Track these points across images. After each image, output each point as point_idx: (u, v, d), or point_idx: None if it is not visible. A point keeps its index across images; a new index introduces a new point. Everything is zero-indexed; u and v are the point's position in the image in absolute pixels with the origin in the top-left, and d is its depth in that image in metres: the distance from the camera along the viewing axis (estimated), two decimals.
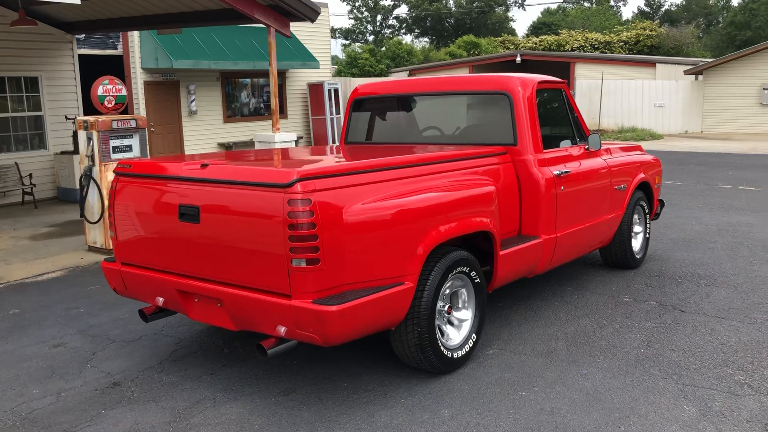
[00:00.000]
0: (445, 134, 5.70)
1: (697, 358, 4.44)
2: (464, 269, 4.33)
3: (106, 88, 8.00)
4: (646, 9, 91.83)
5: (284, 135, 9.98)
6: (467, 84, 5.53)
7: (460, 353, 4.35)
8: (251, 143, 20.03)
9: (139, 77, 17.22)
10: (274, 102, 9.80)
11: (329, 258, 3.59)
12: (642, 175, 6.55)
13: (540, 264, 5.18)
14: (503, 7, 76.51)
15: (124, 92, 8.18)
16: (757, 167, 15.25)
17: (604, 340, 4.80)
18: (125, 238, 4.44)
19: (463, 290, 4.44)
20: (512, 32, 77.15)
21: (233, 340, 5.01)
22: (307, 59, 20.13)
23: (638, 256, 6.66)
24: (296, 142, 10.31)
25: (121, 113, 8.23)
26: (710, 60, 29.10)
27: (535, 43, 43.61)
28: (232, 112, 19.82)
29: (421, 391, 4.08)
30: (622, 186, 6.19)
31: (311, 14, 9.86)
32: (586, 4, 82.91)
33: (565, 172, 5.29)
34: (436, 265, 4.11)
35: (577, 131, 5.77)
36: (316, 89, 21.08)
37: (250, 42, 18.87)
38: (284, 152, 5.36)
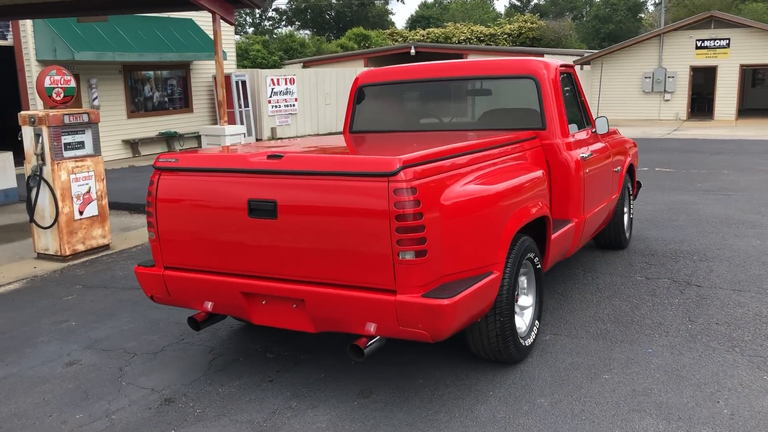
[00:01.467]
0: (464, 120, 5.59)
1: (744, 330, 4.61)
2: (531, 255, 4.26)
3: (53, 79, 7.25)
4: (517, 3, 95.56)
5: (234, 128, 9.51)
6: (487, 68, 5.44)
7: (529, 341, 4.28)
8: (158, 140, 19.03)
9: (34, 70, 15.88)
10: (222, 93, 9.29)
11: (434, 249, 3.40)
12: (629, 157, 6.75)
13: (572, 247, 5.21)
14: (383, 1, 76.98)
15: (73, 83, 7.45)
16: (660, 150, 16.23)
17: (648, 318, 4.88)
18: (171, 239, 4.01)
19: (524, 277, 4.37)
20: (393, 25, 77.90)
21: (271, 345, 4.68)
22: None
23: (627, 236, 6.87)
24: (244, 135, 9.85)
25: (70, 107, 7.51)
26: (596, 51, 30.65)
27: (423, 36, 44.30)
28: (136, 106, 18.75)
29: (504, 383, 3.97)
30: (618, 168, 6.35)
31: (259, 1, 9.42)
32: None
33: (588, 155, 5.33)
34: (513, 252, 4.02)
35: (585, 115, 5.84)
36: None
37: (154, 33, 17.87)
38: (336, 141, 5.11)
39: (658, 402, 3.67)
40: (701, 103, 27.84)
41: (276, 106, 22.25)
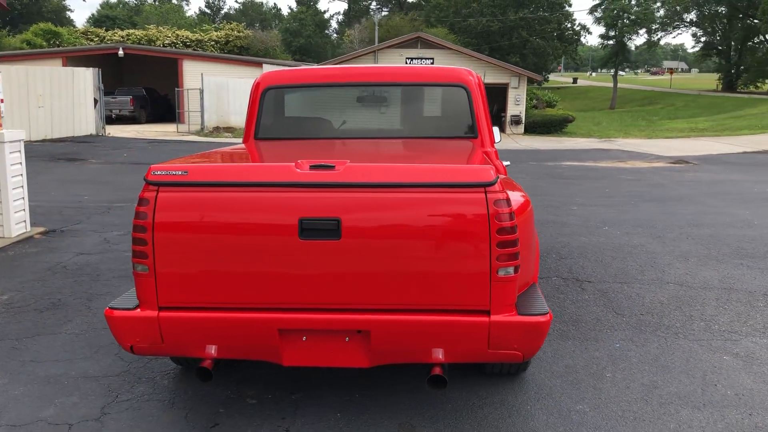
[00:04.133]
0: (389, 128, 5.34)
1: (666, 317, 5.15)
2: None
3: None
4: (207, 10, 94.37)
5: (13, 132, 7.85)
6: (414, 75, 5.27)
7: None
8: None
9: None
10: None
11: (522, 263, 3.21)
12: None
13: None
14: None
15: None
16: None
17: (583, 315, 5.19)
18: (174, 273, 3.16)
19: None
20: (71, 23, 71.89)
21: (243, 388, 3.96)
22: None
23: None
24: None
25: None
26: (322, 63, 31.63)
27: (123, 37, 41.37)
28: None
29: (528, 392, 3.90)
30: None
31: None
32: (149, 0, 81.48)
33: (505, 162, 5.50)
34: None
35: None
36: None
37: None
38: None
39: (673, 393, 3.93)
40: None
41: None
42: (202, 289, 3.18)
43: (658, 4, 58.21)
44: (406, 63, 28.78)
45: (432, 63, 28.55)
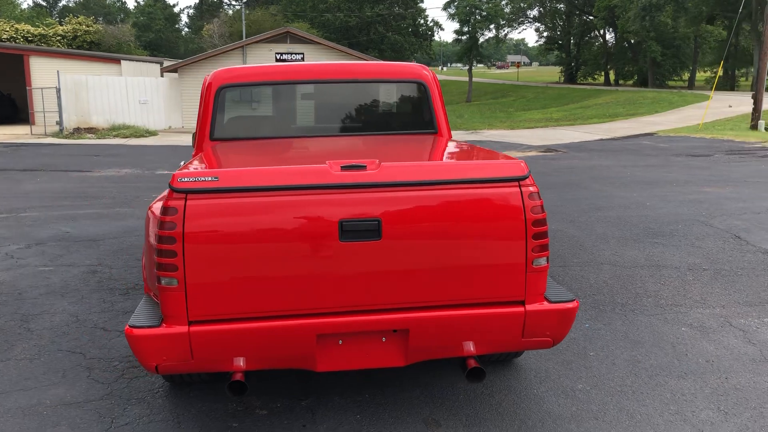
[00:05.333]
0: (349, 125, 5.29)
1: (638, 299, 5.52)
2: None
3: None
4: (42, 2, 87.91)
5: None
6: (372, 71, 5.25)
7: None
8: None
9: None
10: None
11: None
12: None
13: None
14: None
15: None
16: None
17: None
18: (206, 285, 2.98)
19: None
20: None
21: (247, 398, 3.81)
22: None
23: None
24: None
25: None
26: (183, 60, 30.44)
27: None
28: None
29: (549, 378, 4.05)
30: None
31: None
32: None
33: None
34: None
35: None
36: None
37: None
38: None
39: (655, 365, 4.23)
40: None
41: None
42: (236, 299, 3.03)
43: (505, 1, 61.38)
44: (276, 58, 28.40)
45: (302, 58, 28.37)
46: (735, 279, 5.90)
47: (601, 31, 63.27)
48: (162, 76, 27.99)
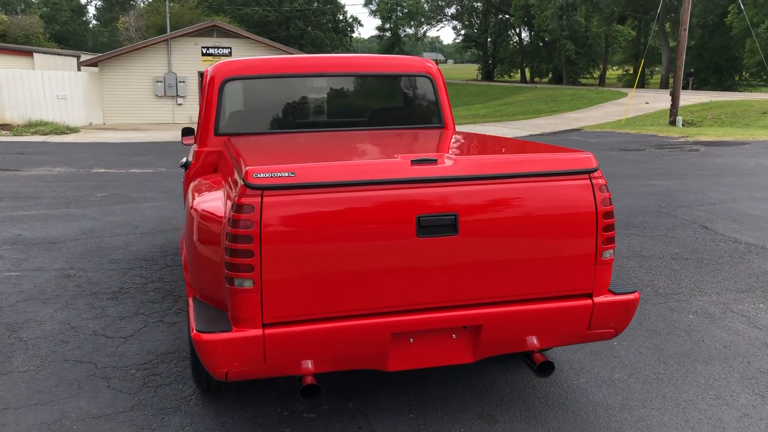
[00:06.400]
0: (357, 119, 5.17)
1: None
2: None
3: None
4: None
5: None
6: (379, 65, 5.14)
7: None
8: None
9: None
10: None
11: None
12: None
13: None
14: None
15: None
16: None
17: None
18: (283, 285, 2.82)
19: None
20: None
21: (288, 402, 3.66)
22: None
23: None
24: None
25: None
26: (105, 53, 29.18)
27: None
28: None
29: (565, 369, 4.08)
30: None
31: None
32: None
33: None
34: None
35: None
36: None
37: None
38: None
39: (678, 352, 4.34)
40: None
41: None
42: (310, 299, 2.89)
43: None
44: (202, 53, 27.65)
45: (230, 53, 27.74)
46: (719, 267, 6.15)
47: (517, 30, 64.92)
48: (79, 70, 26.76)
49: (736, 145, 17.27)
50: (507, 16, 63.67)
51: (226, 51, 27.69)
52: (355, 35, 70.30)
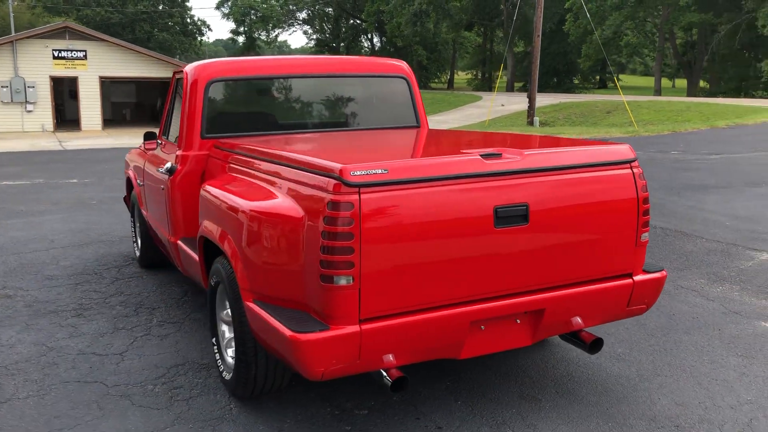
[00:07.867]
0: (333, 120, 5.17)
1: None
2: None
3: None
4: None
5: None
6: (357, 66, 5.19)
7: None
8: None
9: None
10: None
11: None
12: None
13: None
14: None
15: None
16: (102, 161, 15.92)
17: None
18: (379, 279, 2.84)
19: None
20: None
21: (339, 401, 3.65)
22: None
23: None
24: None
25: None
26: None
27: None
28: None
29: (605, 363, 4.37)
30: None
31: None
32: None
33: None
34: None
35: None
36: None
37: None
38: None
39: (683, 328, 4.77)
40: (69, 114, 27.50)
41: None
42: (401, 293, 2.94)
43: (274, 1, 61.53)
44: (54, 56, 25.83)
45: (85, 56, 26.11)
46: (650, 251, 6.76)
47: (369, 35, 66.17)
48: None
49: None
50: (359, 22, 64.74)
51: (80, 54, 26.06)
52: (205, 39, 68.51)
